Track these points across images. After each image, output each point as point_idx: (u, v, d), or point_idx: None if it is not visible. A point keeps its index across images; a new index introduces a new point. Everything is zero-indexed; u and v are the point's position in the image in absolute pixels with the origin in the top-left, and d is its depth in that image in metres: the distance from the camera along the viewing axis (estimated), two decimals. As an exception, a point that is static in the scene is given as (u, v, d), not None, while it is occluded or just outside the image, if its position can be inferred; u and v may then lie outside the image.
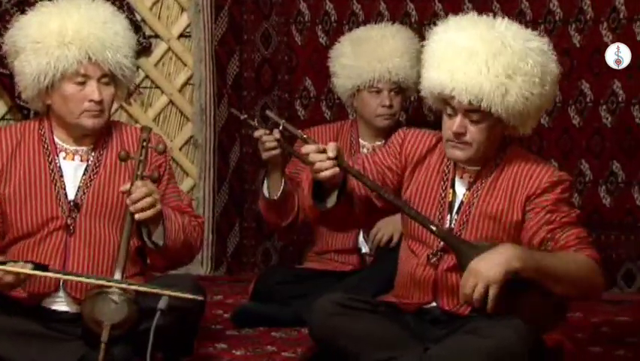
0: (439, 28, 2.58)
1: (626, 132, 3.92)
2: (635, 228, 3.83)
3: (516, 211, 2.54)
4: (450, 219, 2.58)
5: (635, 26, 3.86)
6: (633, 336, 3.17)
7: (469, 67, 2.45)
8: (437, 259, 2.57)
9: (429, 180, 2.63)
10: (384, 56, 3.36)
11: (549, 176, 2.55)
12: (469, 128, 2.51)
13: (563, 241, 2.49)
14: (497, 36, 2.48)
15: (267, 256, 4.26)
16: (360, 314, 2.54)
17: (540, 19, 3.98)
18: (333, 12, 4.17)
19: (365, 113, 3.43)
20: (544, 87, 2.51)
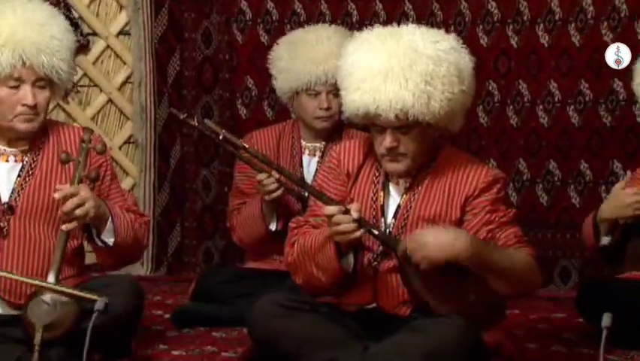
0: (349, 49, 2.59)
1: (562, 132, 3.99)
2: (571, 226, 3.89)
3: (454, 213, 2.57)
4: (385, 223, 2.60)
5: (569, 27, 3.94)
6: (569, 332, 3.22)
7: (388, 84, 2.47)
8: (377, 262, 2.59)
9: (363, 187, 2.65)
10: (321, 58, 3.34)
11: (484, 175, 2.58)
12: (401, 139, 2.53)
13: (502, 240, 2.54)
14: (408, 46, 2.50)
15: (209, 256, 4.24)
16: (301, 315, 2.54)
17: (479, 20, 4.03)
18: (275, 11, 4.16)
19: (304, 116, 3.43)
20: (464, 83, 2.54)
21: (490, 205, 2.55)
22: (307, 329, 2.51)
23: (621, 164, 3.90)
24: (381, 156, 2.57)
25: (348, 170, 2.66)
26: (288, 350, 2.50)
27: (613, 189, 3.17)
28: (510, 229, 2.55)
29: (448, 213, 2.57)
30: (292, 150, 3.45)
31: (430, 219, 2.57)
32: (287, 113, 3.95)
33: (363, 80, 2.50)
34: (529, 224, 3.89)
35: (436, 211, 2.58)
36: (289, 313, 2.53)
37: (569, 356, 2.93)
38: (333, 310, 2.60)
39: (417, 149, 2.55)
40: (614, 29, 3.88)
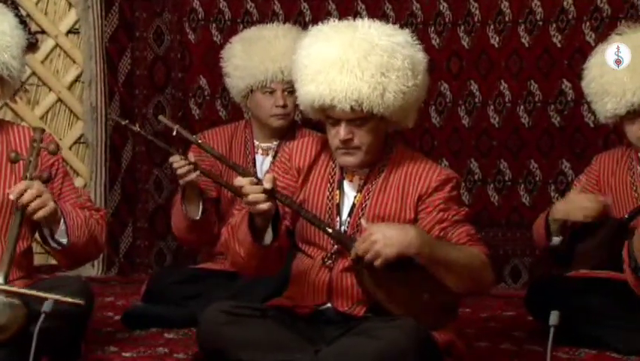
0: (305, 42, 2.60)
1: (513, 132, 4.03)
2: (522, 225, 3.94)
3: (408, 211, 2.59)
4: (340, 222, 2.61)
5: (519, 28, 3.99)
6: (518, 330, 3.26)
7: (344, 75, 2.48)
8: (332, 261, 2.60)
9: (317, 185, 2.65)
10: (277, 55, 3.34)
11: (437, 175, 2.61)
12: (356, 132, 2.55)
13: (455, 238, 2.56)
14: (363, 38, 2.52)
15: (161, 257, 4.21)
16: (250, 321, 2.52)
17: (431, 21, 4.06)
18: (227, 10, 4.15)
19: (259, 114, 3.42)
20: (417, 77, 2.56)
21: (443, 204, 2.57)
22: (256, 335, 2.50)
23: (570, 164, 3.96)
24: (335, 148, 2.58)
25: (299, 166, 2.66)
26: (237, 358, 2.48)
27: (570, 192, 3.22)
28: (462, 228, 2.57)
29: (402, 212, 2.59)
30: (245, 150, 3.44)
31: (385, 218, 2.59)
32: (240, 113, 3.94)
33: (319, 72, 2.51)
34: (481, 223, 3.93)
35: (391, 210, 2.59)
36: (237, 320, 2.51)
37: (518, 354, 2.96)
38: (283, 314, 2.58)
39: (371, 142, 2.56)
40: (562, 31, 3.94)
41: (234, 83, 3.44)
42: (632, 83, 3.04)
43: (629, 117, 3.09)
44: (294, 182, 2.66)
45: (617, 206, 3.21)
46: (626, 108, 3.06)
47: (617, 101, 3.07)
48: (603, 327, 2.97)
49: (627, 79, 3.04)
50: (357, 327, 2.49)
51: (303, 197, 2.64)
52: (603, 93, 3.11)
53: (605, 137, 3.87)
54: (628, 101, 3.04)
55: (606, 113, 3.13)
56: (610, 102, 3.09)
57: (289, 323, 2.55)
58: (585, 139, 3.94)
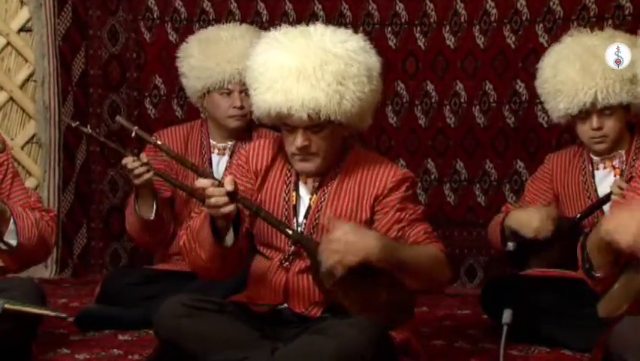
0: (258, 49, 2.59)
1: (468, 132, 4.06)
2: (477, 225, 3.97)
3: (364, 212, 2.60)
4: (297, 223, 2.61)
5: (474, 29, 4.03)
6: (474, 328, 3.28)
7: (300, 84, 2.47)
8: (289, 263, 2.60)
9: (274, 187, 2.65)
10: (234, 56, 3.32)
11: (393, 175, 2.61)
12: (313, 139, 2.55)
13: (413, 237, 2.57)
14: (318, 46, 2.52)
15: (116, 258, 4.17)
16: (208, 315, 2.51)
17: (387, 21, 4.08)
18: (183, 9, 4.12)
19: (216, 114, 3.40)
20: (373, 83, 2.57)
21: (399, 204, 2.58)
22: (214, 329, 2.49)
23: (524, 163, 4.00)
24: (291, 155, 2.58)
25: (256, 168, 2.66)
26: (194, 351, 2.47)
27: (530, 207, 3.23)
28: (420, 226, 2.59)
29: (358, 213, 2.59)
30: (201, 149, 3.42)
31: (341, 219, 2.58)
32: (197, 113, 3.91)
33: (275, 80, 2.50)
34: (437, 223, 3.93)
35: (346, 211, 2.59)
36: (196, 313, 2.50)
37: (472, 352, 2.98)
38: (241, 311, 2.58)
39: (328, 148, 2.56)
40: (516, 32, 3.98)
41: (191, 84, 3.42)
42: (583, 83, 3.08)
43: (581, 117, 3.14)
44: (251, 184, 2.65)
45: (569, 205, 3.26)
46: (578, 108, 3.11)
47: (569, 100, 3.11)
48: (556, 325, 3.01)
49: (579, 79, 3.09)
50: (315, 326, 2.49)
51: (261, 199, 2.64)
52: (556, 93, 3.16)
53: (558, 137, 3.91)
54: (580, 100, 3.09)
55: (559, 112, 3.17)
56: (562, 102, 3.13)
57: (247, 320, 2.55)
58: (539, 139, 3.98)
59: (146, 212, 3.21)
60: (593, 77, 3.07)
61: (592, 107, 3.10)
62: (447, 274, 2.60)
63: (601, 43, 3.14)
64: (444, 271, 2.59)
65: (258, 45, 2.60)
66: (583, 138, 3.19)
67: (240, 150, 2.80)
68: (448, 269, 2.60)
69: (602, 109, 3.11)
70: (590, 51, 3.12)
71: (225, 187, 2.43)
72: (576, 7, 3.89)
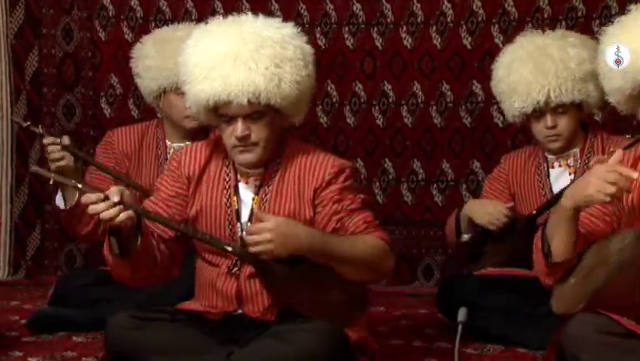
0: (190, 42, 2.55)
1: (425, 132, 4.09)
2: (434, 224, 3.99)
3: (307, 208, 2.56)
4: (240, 227, 2.56)
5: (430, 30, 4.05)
6: (430, 327, 3.30)
7: (238, 68, 2.44)
8: (238, 268, 2.56)
9: (212, 192, 2.60)
10: None
11: (331, 166, 2.58)
12: (252, 128, 2.51)
13: (352, 227, 2.54)
14: (253, 31, 2.51)
15: (71, 259, 4.12)
16: (160, 325, 2.48)
17: (344, 21, 4.08)
18: (139, 8, 4.09)
19: (172, 115, 3.37)
20: (309, 68, 2.56)
21: (337, 195, 2.55)
22: (167, 339, 2.45)
23: (480, 163, 4.04)
24: (231, 148, 2.53)
25: (188, 174, 2.60)
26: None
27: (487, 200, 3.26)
28: (359, 215, 2.56)
29: (301, 210, 2.56)
30: (157, 150, 3.39)
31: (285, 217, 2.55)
32: (154, 113, 3.88)
33: (212, 68, 2.46)
34: (395, 222, 3.98)
35: (289, 209, 2.56)
36: (146, 324, 2.46)
37: (428, 351, 2.99)
38: (194, 318, 2.54)
39: (268, 137, 2.52)
40: (472, 33, 4.01)
41: (146, 84, 3.39)
42: (536, 82, 3.12)
43: (535, 115, 3.18)
44: (184, 190, 2.60)
45: (525, 204, 3.29)
46: (532, 106, 3.14)
47: (523, 99, 3.14)
48: (510, 324, 3.03)
49: (532, 78, 3.13)
50: (271, 330, 2.47)
51: (199, 206, 2.58)
52: (510, 92, 3.19)
53: (513, 137, 3.95)
54: (533, 99, 3.13)
55: (514, 111, 3.20)
56: (517, 101, 3.17)
57: (200, 327, 2.52)
58: (494, 139, 4.01)
59: (69, 200, 3.15)
60: (545, 75, 3.11)
61: (545, 105, 3.14)
62: (390, 262, 2.57)
63: (553, 42, 3.19)
64: (386, 260, 2.55)
65: (190, 39, 2.56)
66: (538, 137, 3.23)
67: (173, 154, 2.74)
68: (391, 257, 2.56)
69: (555, 108, 3.15)
70: (542, 51, 3.16)
71: (112, 199, 2.36)
72: (530, 8, 3.94)
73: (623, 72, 2.37)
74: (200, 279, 2.64)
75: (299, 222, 2.52)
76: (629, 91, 2.39)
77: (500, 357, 2.94)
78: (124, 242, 2.43)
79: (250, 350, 2.42)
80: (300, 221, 2.53)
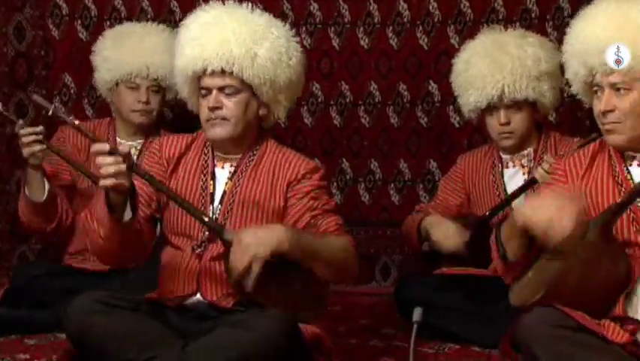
0: (186, 21, 2.69)
1: (382, 132, 4.10)
2: (392, 224, 4.01)
3: (278, 198, 2.63)
4: (212, 210, 2.62)
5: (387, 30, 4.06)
6: (387, 327, 3.32)
7: (216, 37, 2.57)
8: (202, 249, 2.60)
9: (189, 176, 2.67)
10: (145, 51, 3.34)
11: (306, 164, 2.68)
12: (225, 103, 2.60)
13: (324, 226, 2.61)
14: (242, 12, 2.65)
15: (24, 260, 4.05)
16: (121, 312, 2.48)
17: (301, 21, 4.08)
18: (93, 7, 4.04)
19: (122, 108, 3.38)
20: (291, 60, 2.65)
21: (313, 192, 2.63)
22: (126, 326, 2.46)
23: (437, 163, 4.06)
24: (205, 121, 2.61)
25: (168, 155, 2.69)
26: (105, 348, 2.43)
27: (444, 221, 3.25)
28: (332, 217, 2.63)
29: (272, 199, 2.63)
30: (107, 147, 3.37)
31: (255, 204, 2.62)
32: (108, 112, 3.84)
33: (195, 37, 2.59)
34: (352, 222, 3.97)
35: (260, 196, 2.62)
36: (108, 310, 2.46)
37: (385, 350, 3.01)
38: (155, 307, 2.56)
39: (239, 115, 2.60)
40: (428, 33, 4.03)
41: (101, 75, 3.42)
42: (492, 77, 3.17)
43: (489, 111, 3.22)
44: (162, 171, 2.67)
45: (479, 203, 3.32)
46: (487, 101, 3.18)
47: (478, 93, 3.19)
48: (465, 322, 3.06)
49: (488, 72, 3.17)
50: (228, 319, 2.48)
51: (174, 187, 2.65)
52: (467, 86, 3.23)
53: (470, 137, 3.98)
54: (488, 93, 3.17)
55: (469, 106, 3.24)
56: (473, 95, 3.21)
57: (161, 317, 2.53)
58: (451, 139, 4.04)
59: (35, 194, 3.11)
60: (501, 71, 3.15)
61: (499, 101, 3.18)
62: (355, 265, 2.64)
63: (512, 40, 3.24)
64: (353, 262, 2.62)
65: (185, 20, 2.69)
66: (492, 134, 3.26)
67: (155, 140, 2.79)
68: (356, 261, 2.63)
69: (509, 104, 3.18)
70: (501, 47, 3.21)
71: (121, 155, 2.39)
72: (485, 9, 3.97)
73: (579, 57, 2.41)
74: (164, 265, 2.67)
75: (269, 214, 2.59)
76: (585, 77, 2.42)
77: (456, 356, 2.96)
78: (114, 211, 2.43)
79: (206, 339, 2.43)
80: (269, 209, 2.61)
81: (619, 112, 2.36)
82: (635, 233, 2.36)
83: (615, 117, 2.36)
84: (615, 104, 2.36)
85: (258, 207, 2.61)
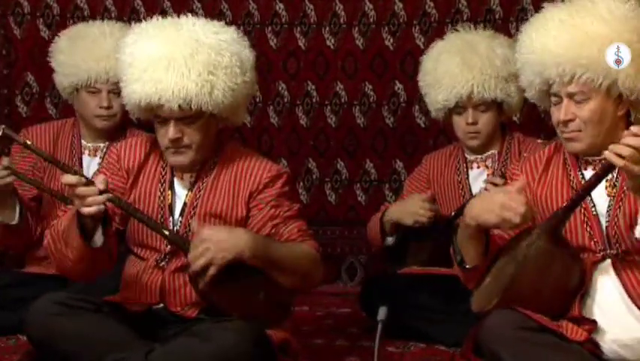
0: (128, 40, 2.57)
1: (349, 132, 4.10)
2: (358, 224, 4.01)
3: (240, 208, 2.59)
4: (173, 222, 2.58)
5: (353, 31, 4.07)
6: (353, 326, 3.32)
7: (170, 73, 2.47)
8: (165, 262, 2.57)
9: (148, 186, 2.62)
10: (102, 55, 3.24)
11: (268, 171, 2.62)
12: (185, 131, 2.53)
13: (286, 234, 2.58)
14: (189, 36, 2.52)
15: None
16: (83, 314, 2.46)
17: (267, 21, 4.07)
18: (55, 5, 4.00)
19: (84, 113, 3.32)
20: (246, 75, 2.58)
21: (274, 200, 2.59)
22: (89, 329, 2.44)
23: (402, 163, 4.07)
24: (165, 149, 2.55)
25: (128, 166, 2.63)
26: (68, 351, 2.41)
27: (407, 197, 3.29)
28: (294, 224, 2.60)
29: (234, 209, 2.59)
30: (71, 149, 3.32)
31: (217, 215, 2.58)
32: (71, 111, 3.80)
33: (145, 70, 2.48)
34: (319, 222, 3.98)
35: (222, 207, 2.58)
36: (70, 312, 2.44)
37: (351, 350, 3.01)
38: (117, 311, 2.53)
39: (201, 140, 2.54)
40: (394, 34, 4.04)
41: (59, 80, 3.35)
42: (462, 76, 3.18)
43: (457, 110, 3.23)
44: (123, 183, 2.62)
45: (445, 204, 3.34)
46: (455, 99, 3.19)
47: (447, 92, 3.20)
48: (430, 321, 3.07)
49: (458, 71, 3.18)
50: (192, 328, 2.46)
51: (134, 198, 2.60)
52: (436, 84, 3.24)
53: (436, 137, 4.00)
54: (458, 92, 3.18)
55: (437, 104, 3.25)
56: (441, 93, 3.22)
57: (123, 320, 2.51)
58: (417, 139, 4.05)
59: (7, 217, 3.08)
60: (470, 70, 3.17)
61: (468, 100, 3.19)
62: (319, 272, 2.62)
63: (482, 40, 3.26)
64: (316, 270, 2.60)
65: (128, 37, 2.57)
66: (458, 133, 3.27)
67: (112, 147, 2.75)
68: (320, 267, 2.61)
69: (477, 104, 3.20)
70: (471, 47, 3.23)
71: (97, 186, 2.38)
72: (450, 10, 3.99)
73: (533, 67, 2.42)
74: (127, 274, 2.64)
75: (232, 225, 2.54)
76: (539, 86, 2.44)
77: (421, 355, 2.97)
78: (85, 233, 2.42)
79: (170, 347, 2.41)
80: (231, 220, 2.56)
81: (579, 121, 2.38)
82: (589, 238, 2.39)
83: (575, 126, 2.38)
84: (575, 113, 2.38)
85: (219, 218, 2.57)
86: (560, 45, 2.35)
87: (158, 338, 2.50)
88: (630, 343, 2.32)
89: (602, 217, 2.39)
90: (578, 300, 2.34)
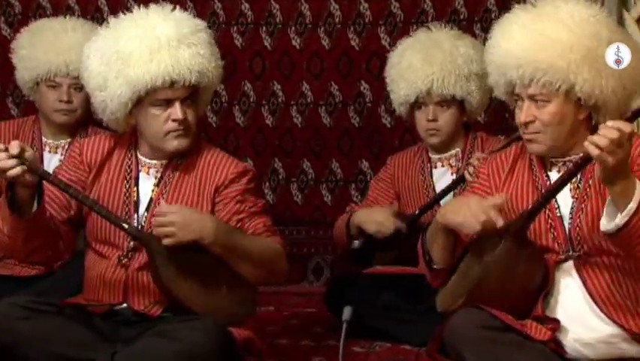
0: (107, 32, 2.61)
1: (315, 132, 4.11)
2: (324, 223, 4.02)
3: (206, 204, 2.59)
4: (137, 218, 2.56)
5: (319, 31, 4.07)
6: (319, 326, 3.32)
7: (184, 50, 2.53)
8: (128, 259, 2.55)
9: (112, 182, 2.61)
10: (63, 48, 3.21)
11: (234, 167, 2.62)
12: (187, 111, 2.56)
13: (251, 229, 2.58)
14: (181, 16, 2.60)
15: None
16: (45, 317, 2.43)
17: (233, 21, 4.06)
18: (17, 3, 3.96)
19: (44, 108, 3.29)
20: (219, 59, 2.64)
21: (239, 195, 2.59)
22: (52, 332, 2.41)
23: (368, 163, 4.08)
24: (166, 133, 2.55)
25: (90, 161, 2.62)
26: (31, 355, 2.38)
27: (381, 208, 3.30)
28: (259, 219, 2.60)
29: (200, 204, 2.58)
30: (32, 145, 3.28)
31: None
32: (33, 111, 3.75)
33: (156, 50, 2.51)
34: (285, 222, 3.98)
35: (188, 203, 2.58)
36: (32, 315, 2.41)
37: (316, 349, 3.01)
38: (80, 312, 2.51)
39: (194, 122, 2.57)
40: (359, 34, 4.05)
41: (20, 75, 3.31)
42: (422, 71, 3.20)
43: (418, 105, 3.25)
44: (84, 177, 2.61)
45: (409, 203, 3.35)
46: (415, 94, 3.22)
47: (409, 87, 3.22)
48: (395, 321, 3.08)
49: (420, 65, 3.21)
50: (156, 327, 2.44)
51: (97, 194, 2.59)
52: (399, 79, 3.26)
53: (401, 137, 4.02)
54: (418, 87, 3.20)
55: (399, 99, 3.27)
56: (403, 88, 3.24)
57: (86, 322, 2.48)
58: (382, 139, 4.07)
59: None
60: (431, 65, 3.19)
61: (428, 96, 3.21)
62: (284, 267, 2.61)
63: (447, 38, 3.28)
64: (281, 264, 2.60)
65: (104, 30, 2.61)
66: (420, 130, 3.29)
67: (75, 142, 2.74)
68: (285, 262, 2.61)
69: (437, 101, 3.22)
70: (435, 43, 3.25)
71: (10, 151, 2.36)
72: (415, 10, 4.01)
73: (498, 68, 2.46)
74: (88, 272, 2.61)
75: None
76: (504, 87, 2.47)
77: (386, 354, 2.98)
78: (21, 205, 2.40)
79: (135, 348, 2.39)
80: None
81: (539, 122, 2.40)
82: (553, 241, 2.42)
83: (535, 127, 2.41)
84: (535, 115, 2.40)
85: None
86: (521, 48, 2.38)
87: (121, 338, 2.48)
88: (592, 342, 2.35)
89: (565, 219, 2.42)
90: (541, 300, 2.37)
